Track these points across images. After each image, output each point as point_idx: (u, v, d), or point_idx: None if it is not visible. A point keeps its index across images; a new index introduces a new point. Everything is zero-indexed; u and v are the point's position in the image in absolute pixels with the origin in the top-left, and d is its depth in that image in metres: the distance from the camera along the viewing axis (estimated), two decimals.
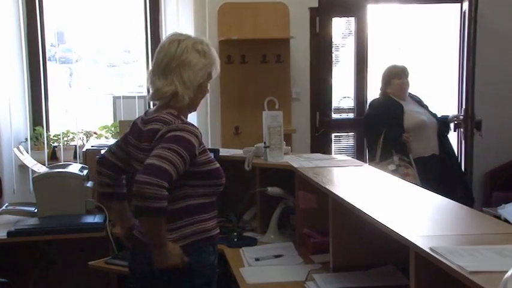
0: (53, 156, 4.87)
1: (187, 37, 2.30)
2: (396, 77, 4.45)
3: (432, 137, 4.46)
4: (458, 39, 5.23)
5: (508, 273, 1.25)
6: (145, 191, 1.98)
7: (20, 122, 4.79)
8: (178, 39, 2.27)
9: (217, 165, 2.29)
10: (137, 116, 2.47)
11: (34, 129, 4.83)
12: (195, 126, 2.21)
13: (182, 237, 2.20)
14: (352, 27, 5.26)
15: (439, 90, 5.84)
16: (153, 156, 2.06)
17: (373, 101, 4.70)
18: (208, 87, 2.36)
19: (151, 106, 5.00)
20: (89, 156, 3.91)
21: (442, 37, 5.73)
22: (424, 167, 4.28)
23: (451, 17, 5.54)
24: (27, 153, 4.33)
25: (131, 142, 2.34)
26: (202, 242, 2.23)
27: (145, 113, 2.38)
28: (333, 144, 5.31)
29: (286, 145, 3.35)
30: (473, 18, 4.92)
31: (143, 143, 2.24)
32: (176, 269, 2.16)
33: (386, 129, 4.24)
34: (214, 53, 2.32)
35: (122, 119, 4.42)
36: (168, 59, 2.23)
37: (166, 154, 2.06)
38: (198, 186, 2.21)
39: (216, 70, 2.33)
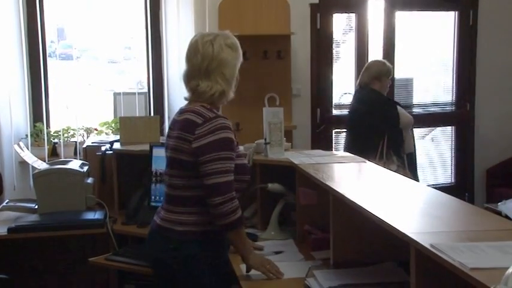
0: (53, 152, 4.86)
1: (216, 34, 2.36)
2: (387, 75, 4.33)
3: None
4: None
5: (509, 270, 1.24)
6: (222, 211, 2.20)
7: (20, 118, 4.78)
8: (209, 39, 2.32)
9: (245, 160, 2.42)
10: (137, 112, 2.54)
11: (34, 126, 4.82)
12: (226, 118, 2.29)
13: (198, 223, 2.28)
14: (353, 23, 5.26)
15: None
16: (211, 174, 2.19)
17: (369, 98, 4.34)
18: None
19: (152, 103, 5.05)
20: (89, 153, 3.91)
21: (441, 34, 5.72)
22: (412, 162, 4.37)
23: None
24: (28, 149, 4.33)
25: (168, 135, 2.41)
26: (217, 232, 2.30)
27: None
28: (333, 141, 5.31)
29: (286, 141, 3.34)
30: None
31: (175, 130, 2.32)
32: (186, 257, 2.25)
33: (389, 129, 4.19)
34: (238, 43, 2.41)
35: (122, 115, 4.41)
36: (209, 61, 2.30)
37: (220, 167, 2.20)
38: None
39: (240, 59, 2.43)
